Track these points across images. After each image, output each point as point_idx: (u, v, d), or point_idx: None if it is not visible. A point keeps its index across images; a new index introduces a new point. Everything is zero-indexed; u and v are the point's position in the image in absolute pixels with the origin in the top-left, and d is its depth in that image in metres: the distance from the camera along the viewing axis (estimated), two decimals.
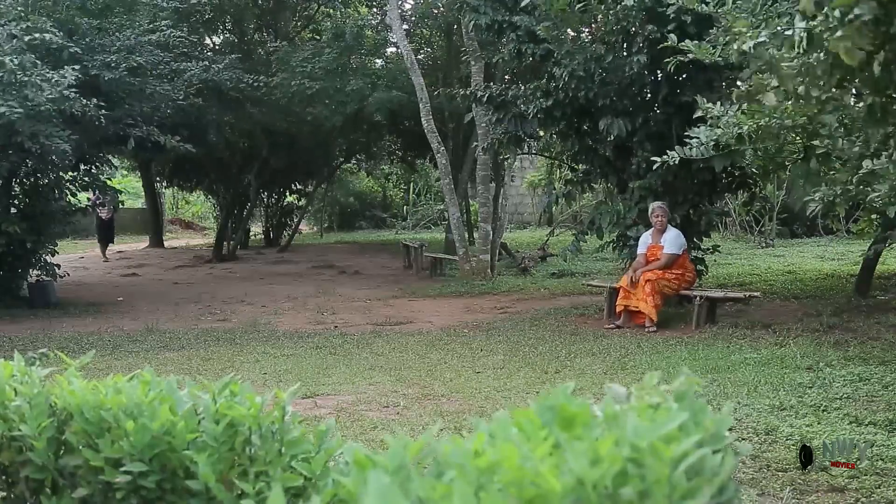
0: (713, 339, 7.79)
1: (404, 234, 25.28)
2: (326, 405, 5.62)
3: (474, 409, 5.41)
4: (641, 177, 9.36)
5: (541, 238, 17.96)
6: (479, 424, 1.07)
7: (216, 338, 8.93)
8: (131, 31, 12.02)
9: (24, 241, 11.23)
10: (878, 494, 3.66)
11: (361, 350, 7.93)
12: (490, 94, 9.95)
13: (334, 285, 14.05)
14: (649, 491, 0.93)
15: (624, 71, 8.97)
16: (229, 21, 19.54)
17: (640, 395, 1.10)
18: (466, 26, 12.42)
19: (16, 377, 1.89)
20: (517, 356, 7.36)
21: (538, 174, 26.16)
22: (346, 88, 15.45)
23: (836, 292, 10.24)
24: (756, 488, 3.78)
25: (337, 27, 16.12)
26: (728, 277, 12.07)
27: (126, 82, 11.50)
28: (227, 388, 1.69)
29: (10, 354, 1.99)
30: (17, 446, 1.79)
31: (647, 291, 8.56)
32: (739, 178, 9.76)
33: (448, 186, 14.48)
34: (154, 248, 22.33)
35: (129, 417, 1.64)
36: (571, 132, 10.11)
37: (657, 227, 8.85)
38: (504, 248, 16.09)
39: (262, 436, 1.61)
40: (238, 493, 1.55)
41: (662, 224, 8.81)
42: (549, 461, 0.96)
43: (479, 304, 11.27)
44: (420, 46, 19.81)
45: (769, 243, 17.28)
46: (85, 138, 10.90)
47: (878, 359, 6.46)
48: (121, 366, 6.90)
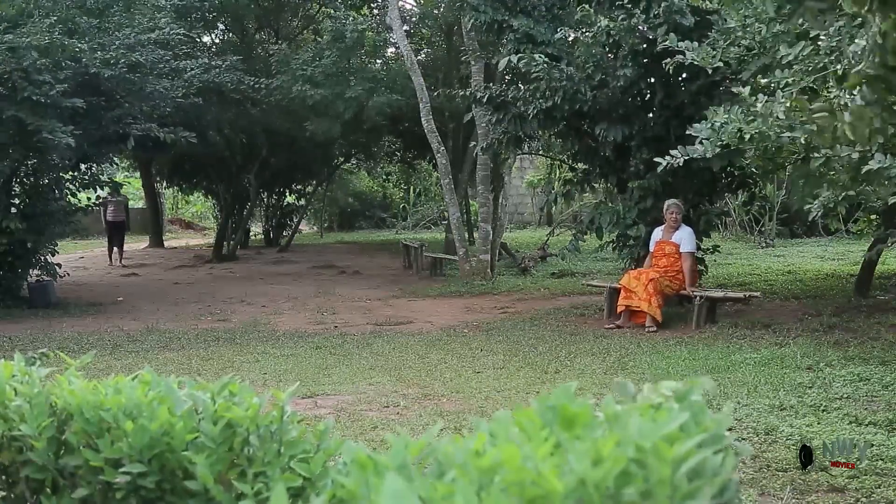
0: (713, 339, 7.79)
1: (404, 234, 25.27)
2: (326, 405, 5.62)
3: (474, 409, 5.41)
4: (641, 177, 9.36)
5: (541, 238, 17.96)
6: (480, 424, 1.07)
7: (216, 338, 8.92)
8: (130, 29, 12.01)
9: (24, 240, 11.23)
10: (878, 494, 3.66)
11: (361, 350, 7.92)
12: (490, 94, 9.95)
13: (334, 285, 14.05)
14: (652, 491, 0.93)
15: (618, 80, 8.98)
16: (229, 20, 19.53)
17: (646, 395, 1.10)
18: (466, 26, 12.43)
19: (16, 377, 1.88)
20: (517, 356, 7.36)
21: (538, 174, 26.16)
22: (346, 95, 15.42)
23: (836, 292, 10.24)
24: (756, 488, 3.78)
25: (337, 28, 16.09)
26: (728, 277, 12.07)
27: (126, 80, 11.50)
28: (226, 389, 1.69)
29: (10, 354, 1.99)
30: (18, 446, 1.79)
31: (650, 291, 8.56)
32: (739, 178, 9.77)
33: (448, 186, 14.48)
34: (154, 248, 22.31)
35: (129, 418, 1.63)
36: (571, 132, 10.12)
37: (671, 224, 8.85)
38: (504, 248, 16.09)
39: (261, 436, 1.60)
40: (237, 494, 1.55)
41: (677, 221, 8.82)
42: (550, 461, 0.95)
43: (479, 304, 11.27)
44: (420, 47, 19.80)
45: (769, 243, 17.27)
46: (85, 137, 10.90)
47: (878, 359, 6.46)
48: (121, 366, 6.90)
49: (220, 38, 20.54)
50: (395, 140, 22.24)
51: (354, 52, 16.35)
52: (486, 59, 13.66)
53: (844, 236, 17.28)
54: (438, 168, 15.23)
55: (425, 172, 28.18)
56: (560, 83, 8.93)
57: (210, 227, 27.96)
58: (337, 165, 23.39)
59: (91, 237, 24.96)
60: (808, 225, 18.34)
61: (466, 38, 13.81)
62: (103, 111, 11.48)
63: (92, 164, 12.58)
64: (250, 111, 16.67)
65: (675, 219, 8.81)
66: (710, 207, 10.09)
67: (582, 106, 9.12)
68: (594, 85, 9.05)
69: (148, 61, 11.80)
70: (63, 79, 10.28)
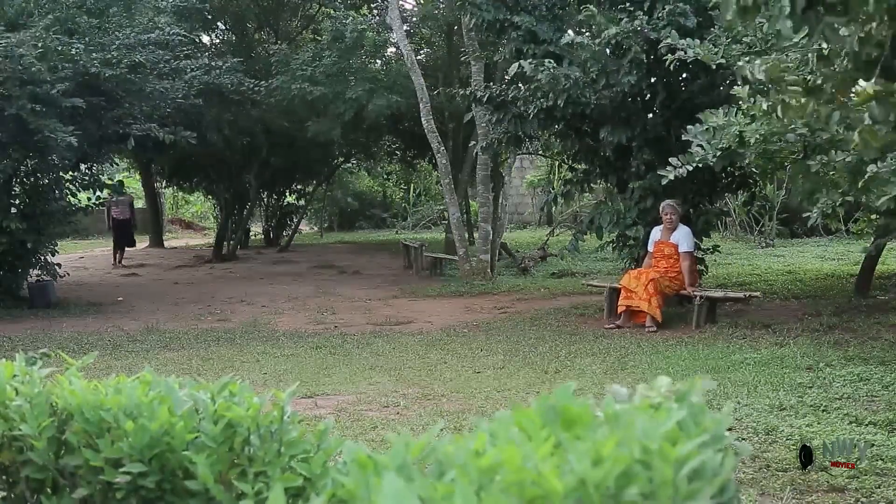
0: (713, 339, 7.79)
1: (404, 234, 25.26)
2: (326, 405, 5.62)
3: (474, 409, 5.41)
4: (641, 177, 9.35)
5: (541, 238, 17.96)
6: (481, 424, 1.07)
7: (216, 338, 8.92)
8: (131, 29, 12.01)
9: (24, 240, 11.23)
10: (878, 494, 3.66)
11: (361, 350, 7.92)
12: (490, 94, 9.95)
13: (334, 285, 14.05)
14: (655, 492, 0.93)
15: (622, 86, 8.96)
16: (229, 21, 19.52)
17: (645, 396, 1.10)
18: (467, 25, 12.42)
19: (17, 377, 1.88)
20: (517, 356, 7.36)
21: (538, 174, 26.15)
22: (346, 95, 15.42)
23: (836, 292, 10.23)
24: (756, 488, 3.78)
25: (337, 28, 16.08)
26: (728, 277, 12.06)
27: (126, 80, 11.50)
28: (226, 389, 1.69)
29: (10, 354, 1.99)
30: (18, 446, 1.79)
31: (650, 291, 8.56)
32: (739, 178, 9.77)
33: (448, 186, 14.48)
34: (154, 248, 22.30)
35: (129, 418, 1.64)
36: (571, 133, 10.11)
37: (666, 224, 8.85)
38: (504, 248, 16.08)
39: (261, 436, 1.61)
40: (237, 494, 1.55)
41: (671, 222, 8.82)
42: (550, 461, 0.95)
43: (479, 304, 11.27)
44: (420, 46, 19.80)
45: (769, 243, 17.26)
46: (85, 137, 10.90)
47: (878, 359, 6.46)
48: (121, 366, 6.91)
49: (219, 39, 20.53)
50: (396, 140, 22.23)
51: (354, 53, 16.35)
52: (485, 60, 13.65)
53: (844, 236, 17.27)
54: (438, 168, 15.23)
55: (425, 172, 28.17)
56: (564, 87, 8.90)
57: (210, 227, 27.94)
58: (337, 165, 23.38)
59: (91, 237, 24.96)
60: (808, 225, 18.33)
61: (466, 38, 13.81)
62: (103, 111, 11.47)
63: (92, 165, 12.57)
64: (250, 112, 16.65)
65: (671, 219, 8.81)
66: (710, 207, 10.09)
67: (584, 109, 9.11)
68: (597, 89, 9.03)
69: (148, 62, 11.80)
70: (62, 78, 10.28)
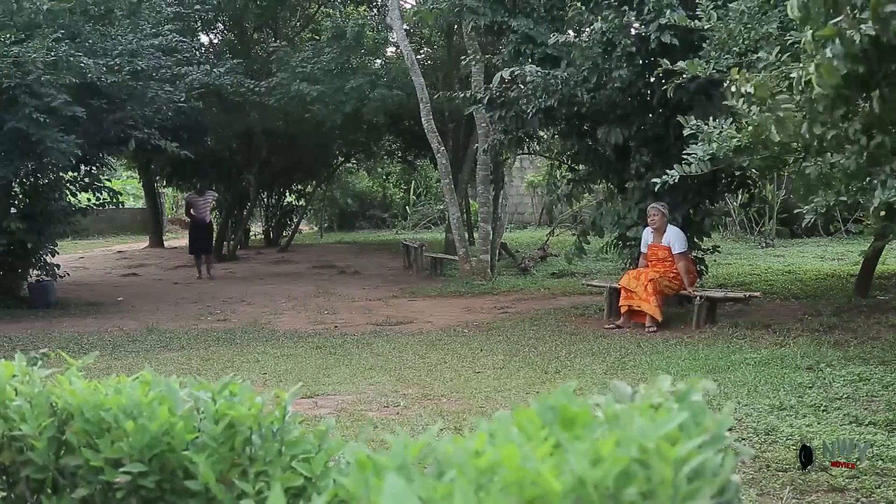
0: (713, 339, 7.79)
1: (404, 234, 25.26)
2: (327, 405, 5.62)
3: (474, 409, 5.41)
4: (641, 177, 9.35)
5: (541, 238, 17.95)
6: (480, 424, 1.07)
7: (216, 338, 8.93)
8: (133, 35, 12.02)
9: (24, 241, 11.23)
10: (878, 494, 3.66)
11: (361, 350, 7.92)
12: (490, 95, 9.95)
13: (334, 285, 14.05)
14: (654, 492, 0.93)
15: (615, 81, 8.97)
16: (228, 21, 19.52)
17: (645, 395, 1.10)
18: (466, 27, 12.42)
19: (17, 377, 1.88)
20: (517, 356, 7.36)
21: (538, 174, 26.14)
22: (347, 87, 15.42)
23: (836, 292, 10.23)
24: (756, 488, 3.78)
25: (337, 27, 16.08)
26: (728, 277, 12.06)
27: (128, 85, 11.52)
28: (227, 389, 1.69)
29: (10, 354, 1.99)
30: (18, 446, 1.79)
31: (650, 291, 8.56)
32: (739, 178, 9.77)
33: (448, 186, 14.47)
34: (154, 248, 22.32)
35: (129, 418, 1.64)
36: (572, 132, 10.11)
37: (651, 226, 8.86)
38: (504, 248, 16.08)
39: (263, 436, 1.61)
40: (238, 494, 1.55)
41: (655, 223, 8.81)
42: (549, 461, 0.96)
43: (479, 304, 11.27)
44: (420, 46, 19.79)
45: (769, 243, 17.27)
46: (86, 139, 10.91)
47: (878, 359, 6.46)
48: (121, 366, 6.91)
49: (218, 39, 20.54)
50: (396, 140, 22.24)
51: (355, 51, 16.35)
52: (485, 62, 13.65)
53: (844, 236, 17.28)
54: (438, 168, 15.22)
55: (425, 172, 28.17)
56: (556, 88, 8.92)
57: None
58: (337, 165, 23.39)
59: (91, 237, 24.97)
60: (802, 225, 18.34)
61: (467, 39, 13.81)
62: (104, 114, 11.48)
63: (92, 167, 12.58)
64: (250, 113, 16.66)
65: (654, 221, 8.79)
66: (714, 208, 10.08)
67: (580, 108, 9.11)
68: (591, 87, 9.04)
69: (150, 67, 11.82)
70: (65, 86, 10.29)
